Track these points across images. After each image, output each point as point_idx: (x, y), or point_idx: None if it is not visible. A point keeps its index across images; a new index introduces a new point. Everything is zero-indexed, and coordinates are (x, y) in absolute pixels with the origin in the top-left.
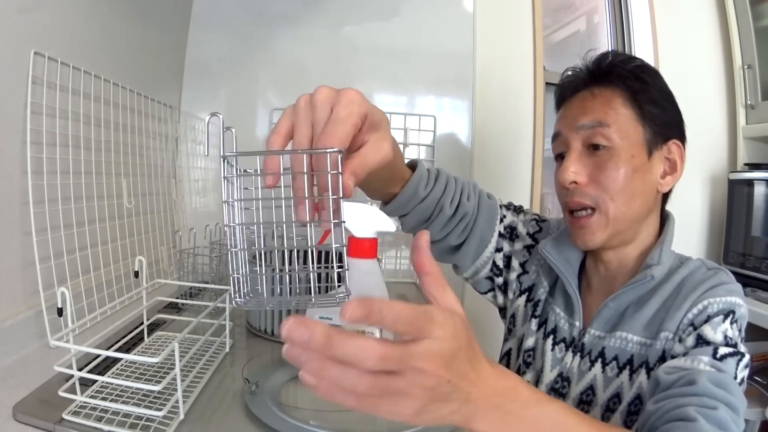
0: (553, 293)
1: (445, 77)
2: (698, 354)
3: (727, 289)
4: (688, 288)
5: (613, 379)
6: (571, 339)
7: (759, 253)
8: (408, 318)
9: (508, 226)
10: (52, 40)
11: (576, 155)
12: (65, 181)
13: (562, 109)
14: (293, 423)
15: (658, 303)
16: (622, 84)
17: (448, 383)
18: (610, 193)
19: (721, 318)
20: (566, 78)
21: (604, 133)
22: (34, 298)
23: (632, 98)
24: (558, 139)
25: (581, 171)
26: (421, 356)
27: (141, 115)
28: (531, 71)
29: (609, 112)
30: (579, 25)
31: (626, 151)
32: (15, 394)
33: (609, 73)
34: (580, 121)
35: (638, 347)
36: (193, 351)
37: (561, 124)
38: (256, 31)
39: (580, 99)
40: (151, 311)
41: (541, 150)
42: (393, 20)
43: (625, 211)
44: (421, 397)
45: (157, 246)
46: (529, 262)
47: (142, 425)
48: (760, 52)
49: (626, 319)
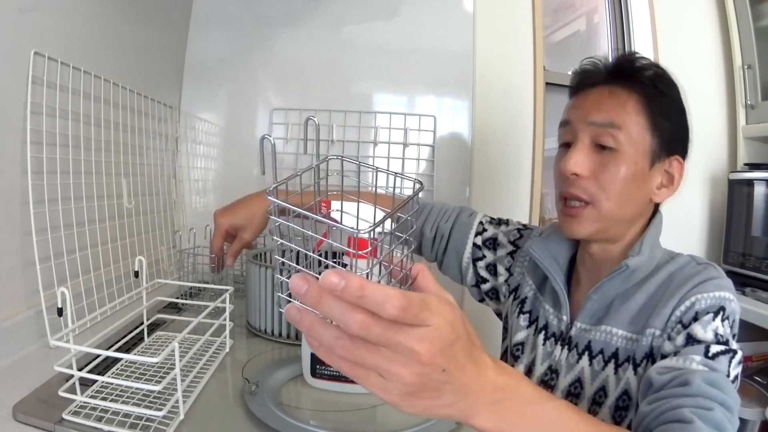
0: (543, 291)
1: (445, 77)
2: (690, 353)
3: (715, 284)
4: (676, 284)
5: (599, 372)
6: (560, 332)
7: (759, 253)
8: (401, 303)
9: (488, 238)
10: (52, 40)
11: (582, 148)
12: (65, 181)
13: (576, 99)
14: (293, 423)
15: (644, 297)
16: (640, 89)
17: (443, 372)
18: (606, 192)
19: (711, 316)
20: (585, 68)
21: (614, 135)
22: (34, 298)
23: (647, 106)
24: (566, 127)
25: (584, 165)
26: (418, 338)
27: (141, 115)
28: (531, 71)
29: (622, 114)
30: (579, 25)
31: (630, 157)
32: (15, 394)
33: (629, 75)
34: (592, 117)
35: (623, 341)
36: (193, 351)
37: (572, 114)
38: (256, 31)
39: (596, 93)
40: (151, 311)
41: (541, 150)
42: (393, 20)
43: (616, 212)
44: (411, 381)
45: (157, 246)
46: (513, 266)
47: (142, 425)
48: (760, 52)
49: (612, 312)
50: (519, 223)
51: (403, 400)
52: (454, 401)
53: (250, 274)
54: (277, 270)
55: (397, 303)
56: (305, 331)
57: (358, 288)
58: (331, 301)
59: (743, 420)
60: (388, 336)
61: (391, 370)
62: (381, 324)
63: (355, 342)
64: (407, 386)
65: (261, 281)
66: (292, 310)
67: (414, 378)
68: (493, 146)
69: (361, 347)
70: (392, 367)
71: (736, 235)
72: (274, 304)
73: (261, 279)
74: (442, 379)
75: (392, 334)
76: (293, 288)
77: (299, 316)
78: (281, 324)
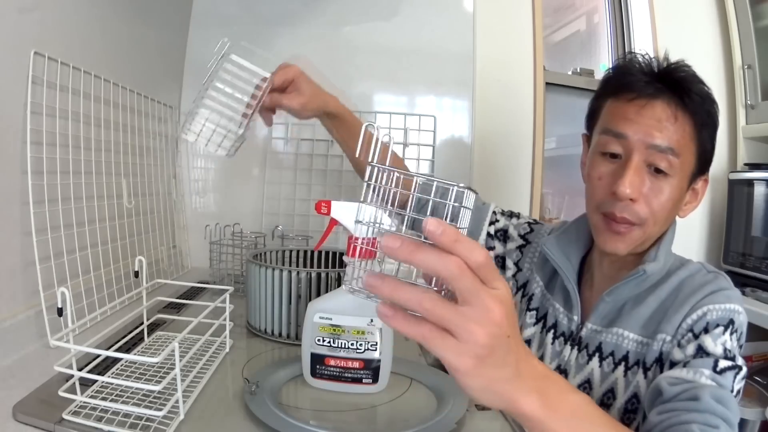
0: (552, 289)
1: (445, 77)
2: (699, 366)
3: (726, 295)
4: (687, 291)
5: (609, 374)
6: (570, 333)
7: (759, 253)
8: (486, 254)
9: (500, 229)
10: (52, 40)
11: (638, 171)
12: (65, 181)
13: (630, 108)
14: (293, 423)
15: (656, 302)
16: (696, 112)
17: (508, 339)
18: (656, 217)
19: (721, 329)
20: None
21: (671, 161)
22: (34, 298)
23: (698, 132)
24: (619, 139)
25: (640, 189)
26: (492, 297)
27: (141, 115)
28: (531, 71)
29: (682, 142)
30: (579, 25)
31: (678, 182)
32: (15, 394)
33: (687, 95)
34: (654, 140)
35: (634, 344)
36: (193, 351)
37: (629, 128)
38: (255, 31)
39: (659, 111)
40: (151, 311)
41: (541, 150)
42: (393, 20)
43: (657, 232)
44: (484, 343)
45: (157, 246)
46: (522, 261)
47: (142, 425)
48: (760, 52)
49: (623, 315)
50: (529, 218)
51: (475, 365)
52: (511, 376)
53: (250, 274)
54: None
55: (484, 252)
56: (388, 295)
57: (455, 233)
58: (427, 248)
59: (743, 420)
60: (475, 287)
61: (468, 328)
62: (470, 272)
63: (440, 298)
64: (481, 348)
65: (261, 281)
66: (373, 278)
67: (487, 339)
68: (493, 146)
69: (445, 303)
70: (470, 325)
71: (736, 235)
72: (274, 304)
73: (261, 279)
74: (506, 347)
75: (478, 286)
76: (387, 244)
77: (381, 281)
78: (281, 324)
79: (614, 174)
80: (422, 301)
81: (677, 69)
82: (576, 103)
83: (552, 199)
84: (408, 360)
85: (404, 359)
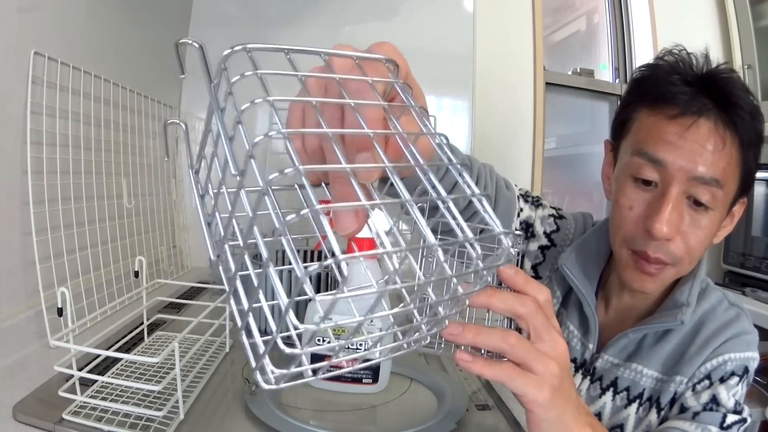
0: (567, 305)
1: (445, 77)
2: (708, 422)
3: (746, 342)
4: (709, 331)
5: (621, 409)
6: (582, 361)
7: (759, 253)
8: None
9: (524, 221)
10: (52, 40)
11: (677, 206)
12: (65, 181)
13: (672, 128)
14: (293, 423)
15: (676, 339)
16: (745, 132)
17: (568, 371)
18: (692, 255)
19: (736, 380)
20: (674, 78)
21: (714, 193)
22: (34, 298)
23: (744, 155)
24: (655, 165)
25: (677, 226)
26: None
27: (141, 115)
28: (531, 71)
29: (728, 170)
30: (579, 25)
31: (720, 215)
32: (15, 394)
33: (736, 112)
34: (698, 171)
35: (652, 382)
36: (193, 351)
37: (670, 155)
38: (256, 31)
39: (704, 134)
40: (151, 311)
41: (541, 150)
42: (393, 20)
43: (689, 269)
44: (558, 373)
45: (157, 246)
46: (542, 266)
47: (142, 425)
48: (760, 52)
49: (644, 350)
50: (552, 208)
51: (551, 396)
52: (574, 409)
53: None
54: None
55: (547, 291)
56: (471, 341)
57: (524, 274)
58: (504, 293)
59: None
60: (545, 323)
61: (544, 361)
62: (542, 309)
63: (519, 337)
64: (555, 378)
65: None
66: (453, 327)
67: (559, 370)
68: (493, 146)
69: (523, 341)
70: (545, 358)
71: (736, 235)
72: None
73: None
74: (569, 378)
75: (547, 322)
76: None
77: (460, 329)
78: None
79: (648, 205)
80: (507, 338)
81: (722, 77)
82: (576, 103)
83: (552, 199)
84: (408, 360)
85: (404, 359)
